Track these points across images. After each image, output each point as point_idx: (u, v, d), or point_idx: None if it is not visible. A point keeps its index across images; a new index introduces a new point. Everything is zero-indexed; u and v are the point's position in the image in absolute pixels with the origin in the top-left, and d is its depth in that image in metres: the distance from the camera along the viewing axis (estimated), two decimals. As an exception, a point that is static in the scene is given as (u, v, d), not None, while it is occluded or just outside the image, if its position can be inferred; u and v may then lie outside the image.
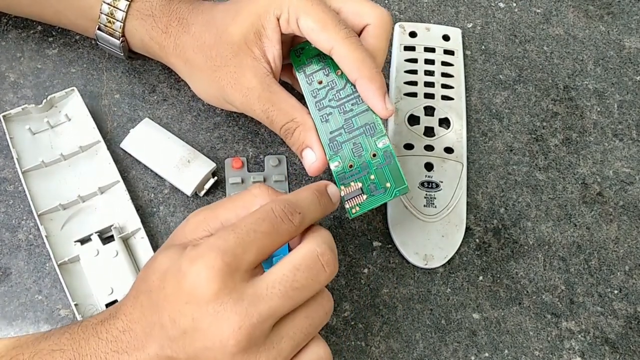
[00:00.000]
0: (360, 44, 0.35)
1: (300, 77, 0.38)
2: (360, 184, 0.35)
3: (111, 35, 0.41)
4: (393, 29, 0.48)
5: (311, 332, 0.30)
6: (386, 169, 0.34)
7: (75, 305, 0.37)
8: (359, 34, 0.37)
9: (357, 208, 0.34)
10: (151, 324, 0.29)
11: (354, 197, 0.35)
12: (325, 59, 0.37)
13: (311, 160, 0.36)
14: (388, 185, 0.34)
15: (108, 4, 0.39)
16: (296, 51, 0.39)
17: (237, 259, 0.28)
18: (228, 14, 0.37)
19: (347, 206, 0.35)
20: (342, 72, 0.36)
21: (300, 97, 0.38)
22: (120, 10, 0.39)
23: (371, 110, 0.35)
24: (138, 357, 0.29)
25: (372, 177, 0.35)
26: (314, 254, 0.29)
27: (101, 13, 0.40)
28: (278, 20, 0.36)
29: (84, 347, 0.29)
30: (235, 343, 0.27)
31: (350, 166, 0.35)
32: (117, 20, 0.40)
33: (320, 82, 0.37)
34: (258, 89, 0.36)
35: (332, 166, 0.36)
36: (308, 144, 0.36)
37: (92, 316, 0.31)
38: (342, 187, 0.35)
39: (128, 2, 0.39)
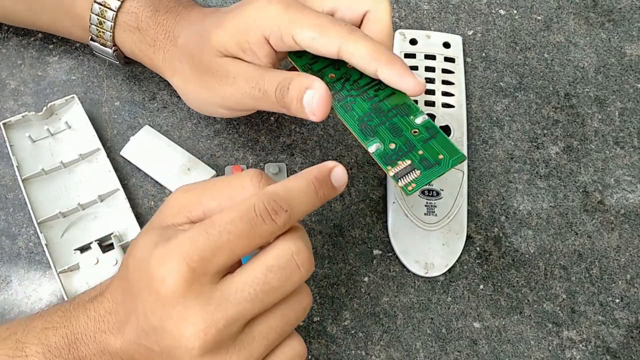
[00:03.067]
0: (365, 35, 0.33)
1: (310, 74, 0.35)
2: (409, 161, 0.32)
3: (103, 45, 0.41)
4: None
5: (287, 330, 0.29)
6: (433, 142, 0.32)
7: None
8: (359, 25, 0.35)
9: (414, 185, 0.31)
10: (129, 311, 0.29)
11: (406, 175, 0.32)
12: None
13: (310, 96, 0.32)
14: (441, 157, 0.31)
15: (96, 14, 0.39)
16: (297, 53, 0.36)
17: (205, 263, 0.27)
18: (214, 25, 0.36)
19: (400, 184, 0.32)
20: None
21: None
22: (108, 20, 0.39)
23: (399, 92, 0.33)
24: (121, 340, 0.29)
25: (421, 152, 0.32)
26: (289, 253, 0.28)
27: (91, 23, 0.40)
28: (266, 39, 0.34)
29: (75, 324, 0.30)
30: (200, 346, 0.26)
31: (393, 146, 0.32)
32: (107, 31, 0.40)
33: (333, 76, 0.35)
34: (244, 73, 0.35)
35: (371, 150, 0.32)
36: (306, 85, 0.32)
37: (84, 293, 0.31)
38: (389, 167, 0.32)
39: (114, 12, 0.39)
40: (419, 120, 0.32)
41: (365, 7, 0.35)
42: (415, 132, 0.32)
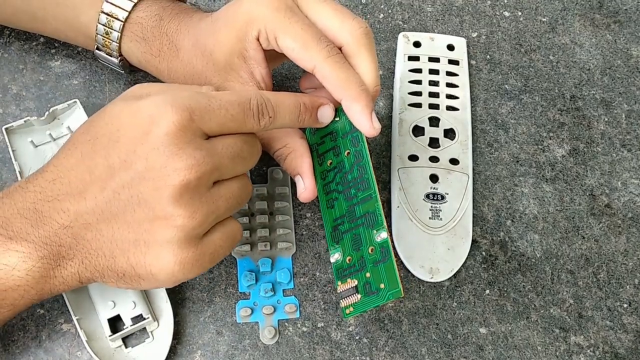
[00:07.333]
0: (343, 62, 0.34)
1: (313, 156, 0.37)
2: (355, 282, 0.34)
3: (109, 55, 0.41)
4: (393, 38, 0.47)
5: (239, 203, 0.32)
6: (382, 267, 0.33)
7: (77, 319, 0.36)
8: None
9: (352, 309, 0.34)
10: (91, 168, 0.29)
11: (348, 296, 0.34)
12: (336, 138, 0.36)
13: (301, 189, 0.36)
14: (382, 286, 0.33)
15: (103, 24, 0.39)
16: (312, 128, 0.37)
17: (202, 118, 0.29)
18: (210, 35, 0.36)
19: (342, 305, 0.34)
20: (350, 153, 0.35)
21: None
22: (114, 30, 0.39)
23: (374, 198, 0.34)
24: (73, 203, 0.29)
25: (368, 274, 0.33)
26: (255, 140, 0.32)
27: (97, 33, 0.40)
28: (258, 40, 0.35)
29: (7, 202, 0.30)
30: (183, 183, 0.28)
31: (349, 260, 0.34)
32: (113, 41, 0.40)
33: (330, 163, 0.36)
34: None
35: (332, 259, 0.35)
36: (299, 172, 0.36)
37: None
38: (339, 283, 0.34)
39: (122, 23, 0.39)
40: (379, 237, 0.33)
41: (342, 39, 0.35)
42: (371, 249, 0.34)
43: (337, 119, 0.36)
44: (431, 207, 0.41)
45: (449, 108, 0.45)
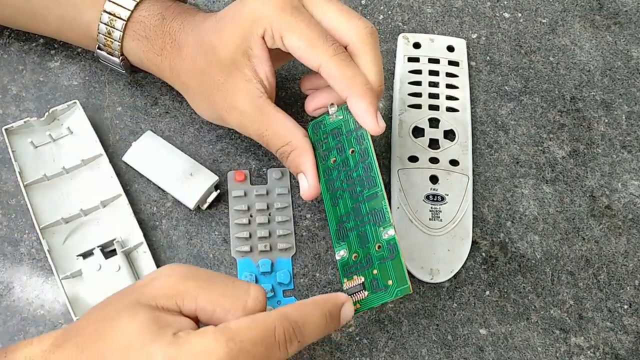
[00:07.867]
0: (349, 61, 0.34)
1: (316, 154, 0.37)
2: (362, 278, 0.34)
3: (110, 54, 0.41)
4: (397, 39, 0.48)
5: None
6: (389, 264, 0.33)
7: (77, 319, 0.36)
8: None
9: (359, 305, 0.33)
10: None
11: (355, 293, 0.34)
12: (340, 136, 0.36)
13: (304, 187, 0.36)
14: (390, 282, 0.33)
15: (105, 23, 0.39)
16: (315, 126, 0.38)
17: None
18: (214, 34, 0.36)
19: None
20: (355, 151, 0.35)
21: (296, 118, 0.37)
22: (117, 30, 0.39)
23: (380, 195, 0.34)
24: None
25: (375, 271, 0.33)
26: None
27: (99, 33, 0.40)
28: (263, 38, 0.35)
29: None
30: None
31: (355, 257, 0.34)
32: (115, 40, 0.40)
33: (334, 161, 0.36)
34: (251, 113, 0.36)
35: (338, 256, 0.35)
36: (302, 170, 0.36)
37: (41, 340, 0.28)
38: (345, 280, 0.34)
39: (124, 22, 0.39)
40: (386, 234, 0.34)
41: (347, 39, 0.35)
42: (378, 246, 0.34)
43: (340, 116, 0.36)
44: (431, 208, 0.41)
45: (449, 109, 0.45)
